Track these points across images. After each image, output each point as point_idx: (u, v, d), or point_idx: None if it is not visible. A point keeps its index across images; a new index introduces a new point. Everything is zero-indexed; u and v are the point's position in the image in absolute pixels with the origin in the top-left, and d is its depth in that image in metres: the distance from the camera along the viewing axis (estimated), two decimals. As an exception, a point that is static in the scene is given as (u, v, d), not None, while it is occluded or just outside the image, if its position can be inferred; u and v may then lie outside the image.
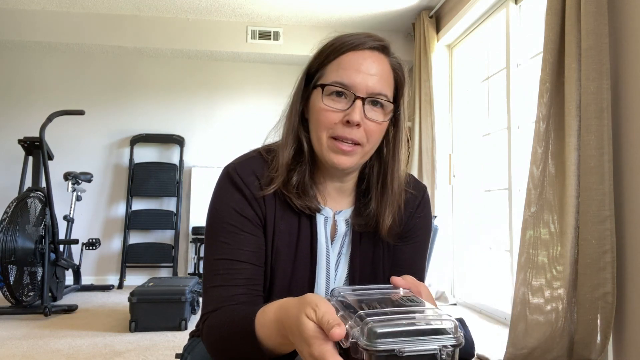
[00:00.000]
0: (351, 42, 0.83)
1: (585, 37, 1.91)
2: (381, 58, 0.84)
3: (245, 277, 0.81)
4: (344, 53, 0.83)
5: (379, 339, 0.51)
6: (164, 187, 4.49)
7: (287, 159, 0.85)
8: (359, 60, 0.82)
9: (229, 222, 0.83)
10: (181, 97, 4.65)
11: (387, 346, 0.51)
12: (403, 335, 0.51)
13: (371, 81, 0.81)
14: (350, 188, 0.93)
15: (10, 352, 2.32)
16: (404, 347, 0.50)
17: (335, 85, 0.81)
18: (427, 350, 0.51)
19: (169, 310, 2.74)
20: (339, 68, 0.82)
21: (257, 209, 0.84)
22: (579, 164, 1.94)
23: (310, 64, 0.88)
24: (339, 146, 0.82)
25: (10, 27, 4.15)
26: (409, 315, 0.55)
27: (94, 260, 4.44)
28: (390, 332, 0.51)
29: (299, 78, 0.89)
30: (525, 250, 2.13)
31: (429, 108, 3.81)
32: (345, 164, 0.83)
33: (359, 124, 0.80)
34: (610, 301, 1.85)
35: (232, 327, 0.74)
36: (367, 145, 0.84)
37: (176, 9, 4.15)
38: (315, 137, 0.85)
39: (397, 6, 4.01)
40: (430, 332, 0.52)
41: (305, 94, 0.88)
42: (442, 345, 0.51)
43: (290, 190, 0.85)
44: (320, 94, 0.83)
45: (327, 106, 0.82)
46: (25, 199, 3.28)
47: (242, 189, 0.84)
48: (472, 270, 3.62)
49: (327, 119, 0.82)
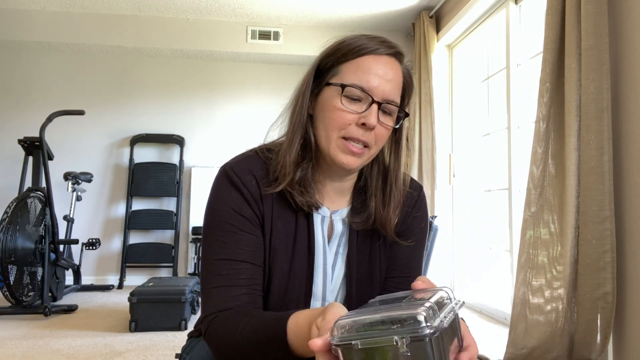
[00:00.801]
0: (370, 46, 0.84)
1: (585, 37, 1.91)
2: (397, 65, 0.86)
3: (246, 277, 0.81)
4: (362, 55, 0.83)
5: (342, 333, 0.51)
6: (164, 187, 4.49)
7: (294, 157, 0.85)
8: (378, 66, 0.83)
9: (227, 222, 0.83)
10: (181, 97, 4.65)
11: (346, 340, 0.51)
12: (365, 327, 0.51)
13: (387, 87, 0.83)
14: (349, 188, 0.93)
15: (10, 352, 2.32)
16: (361, 338, 0.50)
17: (354, 87, 0.82)
18: (384, 343, 0.49)
19: (169, 310, 2.74)
20: (357, 70, 0.83)
21: (255, 208, 0.84)
22: (579, 164, 1.94)
23: (322, 59, 0.87)
24: (349, 147, 0.82)
25: (10, 27, 4.15)
26: (379, 307, 0.54)
27: (94, 260, 4.44)
28: (352, 324, 0.51)
29: (307, 72, 0.88)
30: (525, 250, 2.13)
31: (429, 108, 3.81)
32: (353, 165, 0.84)
33: (374, 127, 0.82)
34: (610, 301, 1.85)
35: (258, 333, 0.73)
36: (374, 148, 0.85)
37: (176, 9, 4.15)
38: (324, 135, 0.84)
39: (397, 6, 4.01)
40: (395, 322, 0.50)
41: (315, 90, 0.87)
42: (399, 336, 0.49)
43: (294, 187, 0.85)
44: (335, 93, 0.83)
45: (344, 107, 0.82)
46: (25, 199, 3.28)
47: (240, 188, 0.84)
48: (472, 270, 3.62)
49: (343, 120, 0.82)
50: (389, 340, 0.49)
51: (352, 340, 0.50)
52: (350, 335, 0.51)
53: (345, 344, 0.51)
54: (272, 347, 0.72)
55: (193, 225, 4.49)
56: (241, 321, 0.76)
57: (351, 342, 0.50)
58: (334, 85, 0.83)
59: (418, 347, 0.49)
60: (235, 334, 0.75)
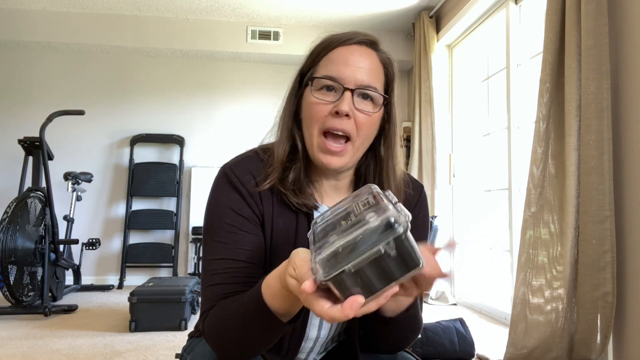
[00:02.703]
0: (339, 38, 0.85)
1: (585, 37, 1.91)
2: (369, 52, 0.86)
3: (245, 276, 0.81)
4: (333, 49, 0.85)
5: (327, 268, 0.52)
6: (164, 187, 4.49)
7: (282, 156, 0.86)
8: (347, 54, 0.84)
9: (227, 222, 0.83)
10: (181, 97, 4.65)
11: (336, 271, 0.52)
12: (346, 252, 0.52)
13: (360, 74, 0.82)
14: (347, 185, 0.93)
15: (10, 352, 2.32)
16: (349, 263, 0.52)
17: (324, 78, 0.83)
18: (373, 256, 0.52)
19: (169, 310, 2.74)
20: (328, 63, 0.84)
21: (254, 208, 0.85)
22: (579, 164, 1.94)
23: (303, 64, 0.90)
24: (328, 146, 0.83)
25: (10, 27, 4.15)
26: (348, 230, 0.55)
27: (94, 260, 4.44)
28: (332, 255, 0.52)
29: (292, 79, 0.91)
30: (525, 250, 2.13)
31: (429, 108, 3.81)
32: (336, 164, 0.84)
33: (348, 114, 0.81)
34: (610, 301, 1.85)
35: (241, 308, 0.74)
36: (358, 140, 0.84)
37: (176, 9, 4.15)
38: (308, 133, 0.85)
39: (397, 6, 4.01)
40: (370, 234, 0.52)
41: (299, 94, 0.90)
42: (383, 243, 0.51)
43: (287, 188, 0.85)
44: (309, 89, 0.85)
45: (317, 99, 0.83)
46: (25, 199, 3.28)
47: (239, 188, 0.84)
48: (472, 270, 3.62)
49: (318, 112, 0.83)
50: (377, 252, 0.51)
51: (342, 267, 0.52)
52: (336, 266, 0.52)
53: (336, 274, 0.52)
54: (257, 320, 0.71)
55: (193, 225, 4.49)
56: (230, 306, 0.76)
57: (343, 269, 0.52)
58: (308, 83, 0.85)
59: (399, 245, 0.52)
60: (226, 321, 0.76)
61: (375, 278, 0.53)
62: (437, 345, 2.17)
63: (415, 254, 0.54)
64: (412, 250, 0.53)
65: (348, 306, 0.53)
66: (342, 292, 0.54)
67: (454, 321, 2.30)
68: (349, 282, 0.53)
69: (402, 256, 0.53)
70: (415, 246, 0.54)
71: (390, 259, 0.52)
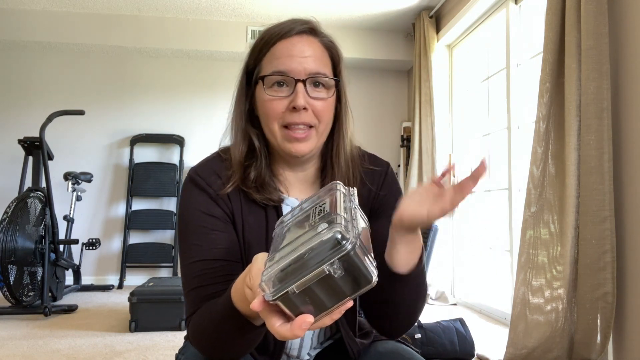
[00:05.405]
0: (279, 32, 0.86)
1: (585, 37, 1.91)
2: (311, 40, 0.87)
3: (223, 274, 0.81)
4: (274, 44, 0.85)
5: (273, 287, 0.51)
6: (164, 187, 4.49)
7: (239, 157, 0.87)
8: (289, 47, 0.84)
9: (198, 224, 0.83)
10: (181, 97, 4.65)
11: (281, 291, 0.51)
12: (293, 269, 0.50)
13: (306, 63, 0.83)
14: (313, 175, 0.93)
15: (10, 352, 2.32)
16: (295, 283, 0.50)
17: (273, 75, 0.83)
18: (318, 276, 0.50)
19: (169, 310, 2.74)
20: (273, 59, 0.84)
21: (223, 207, 0.85)
22: (579, 164, 1.94)
23: (246, 62, 0.90)
24: (293, 135, 0.83)
25: (10, 27, 4.15)
26: (299, 239, 0.53)
27: (94, 260, 4.44)
28: (280, 272, 0.51)
29: (238, 78, 0.92)
30: (525, 250, 2.13)
31: (429, 108, 3.81)
32: (304, 150, 0.84)
33: (305, 107, 0.82)
34: (610, 301, 1.85)
35: (215, 314, 0.73)
36: (321, 125, 0.85)
37: (176, 9, 4.15)
38: (268, 130, 0.86)
39: (397, 6, 4.01)
40: (319, 248, 0.50)
41: (249, 92, 0.90)
42: (328, 264, 0.49)
43: (249, 186, 0.86)
44: (260, 88, 0.85)
45: (270, 96, 0.84)
46: (25, 199, 3.28)
47: (206, 189, 0.85)
48: (472, 270, 3.62)
49: (274, 109, 0.83)
50: (320, 272, 0.49)
51: (286, 288, 0.50)
52: (282, 285, 0.51)
53: (281, 295, 0.51)
54: (231, 324, 0.71)
55: (193, 225, 4.49)
56: (206, 312, 0.77)
57: (287, 290, 0.50)
58: (260, 81, 0.86)
59: (347, 263, 0.50)
60: (205, 327, 0.76)
61: (325, 296, 0.51)
62: (437, 345, 2.17)
63: (367, 269, 0.51)
64: (362, 267, 0.51)
65: (297, 326, 0.52)
66: (291, 310, 0.52)
67: (454, 321, 2.30)
68: (297, 301, 0.51)
69: (351, 274, 0.51)
70: (367, 261, 0.51)
71: (339, 278, 0.50)
